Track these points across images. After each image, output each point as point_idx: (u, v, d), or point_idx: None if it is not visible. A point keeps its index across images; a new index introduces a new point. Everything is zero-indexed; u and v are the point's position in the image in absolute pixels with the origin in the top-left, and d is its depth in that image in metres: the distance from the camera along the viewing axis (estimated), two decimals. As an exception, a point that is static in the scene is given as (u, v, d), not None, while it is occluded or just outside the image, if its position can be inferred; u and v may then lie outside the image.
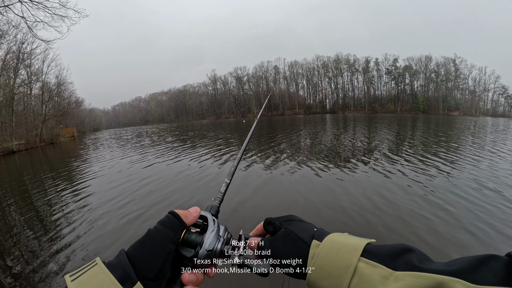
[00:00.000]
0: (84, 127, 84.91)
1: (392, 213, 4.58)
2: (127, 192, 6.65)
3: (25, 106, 31.77)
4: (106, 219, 5.00)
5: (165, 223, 0.53)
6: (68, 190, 7.42)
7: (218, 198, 0.72)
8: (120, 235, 4.31)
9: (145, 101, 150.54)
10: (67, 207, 5.89)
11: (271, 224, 0.65)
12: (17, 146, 25.29)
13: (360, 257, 0.45)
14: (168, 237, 0.50)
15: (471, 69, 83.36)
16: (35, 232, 4.75)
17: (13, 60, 27.82)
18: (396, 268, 0.40)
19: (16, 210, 6.11)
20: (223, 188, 0.76)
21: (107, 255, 3.66)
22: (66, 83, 41.02)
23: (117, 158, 12.76)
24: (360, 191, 5.71)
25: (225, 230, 0.61)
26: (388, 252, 0.44)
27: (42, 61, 33.96)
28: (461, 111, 78.26)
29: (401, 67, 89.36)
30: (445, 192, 5.53)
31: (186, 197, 5.94)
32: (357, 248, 0.47)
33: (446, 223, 4.17)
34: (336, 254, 0.48)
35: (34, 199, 6.87)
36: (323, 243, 0.51)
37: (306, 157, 9.68)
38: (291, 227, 0.60)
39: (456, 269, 0.36)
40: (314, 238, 0.54)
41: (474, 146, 11.45)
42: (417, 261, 0.41)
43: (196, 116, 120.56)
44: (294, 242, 0.56)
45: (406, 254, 0.43)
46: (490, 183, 6.10)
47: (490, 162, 8.19)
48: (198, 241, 0.55)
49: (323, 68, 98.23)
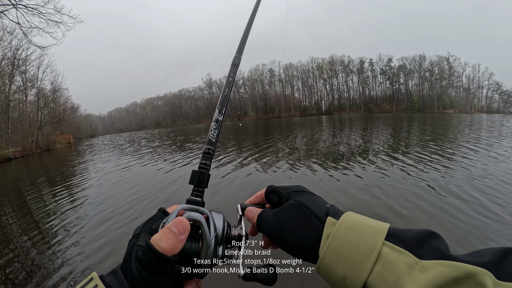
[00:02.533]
0: (80, 133, 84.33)
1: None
2: (122, 200, 6.57)
3: (21, 112, 31.55)
4: (104, 227, 4.92)
5: (149, 268, 0.39)
6: (64, 196, 7.36)
7: (206, 155, 0.57)
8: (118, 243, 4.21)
9: (141, 106, 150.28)
10: (65, 215, 5.73)
11: (276, 193, 0.56)
12: (13, 153, 25.03)
13: (384, 241, 0.39)
14: (161, 284, 0.40)
15: (465, 66, 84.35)
16: (31, 238, 4.68)
17: (8, 67, 27.64)
18: (422, 256, 0.36)
19: (13, 218, 6.04)
20: (213, 134, 0.59)
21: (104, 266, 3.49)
22: (61, 89, 41.03)
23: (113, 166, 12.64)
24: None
25: (223, 225, 0.51)
26: (414, 237, 0.38)
27: (37, 67, 33.96)
28: (456, 109, 78.97)
29: (396, 67, 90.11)
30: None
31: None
32: (381, 230, 0.40)
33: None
34: (357, 235, 0.40)
35: (31, 207, 6.80)
36: (341, 221, 0.43)
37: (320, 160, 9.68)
38: (301, 198, 0.51)
39: (486, 260, 0.33)
40: (329, 215, 0.46)
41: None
42: (445, 249, 0.36)
43: (192, 120, 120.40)
44: (306, 217, 0.47)
45: (432, 240, 0.38)
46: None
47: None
48: (194, 250, 0.46)
49: (318, 70, 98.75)
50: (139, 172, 9.44)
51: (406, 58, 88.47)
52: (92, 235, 4.37)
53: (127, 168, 10.38)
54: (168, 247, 0.41)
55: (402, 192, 5.19)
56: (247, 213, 0.56)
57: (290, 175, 7.12)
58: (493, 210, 4.24)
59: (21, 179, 11.46)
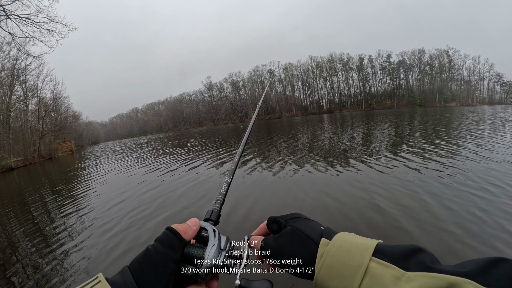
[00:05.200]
0: (83, 140, 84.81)
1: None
2: (128, 202, 6.56)
3: (22, 122, 31.69)
4: (108, 229, 4.91)
5: (163, 241, 0.49)
6: (68, 203, 7.35)
7: (218, 201, 0.68)
8: (123, 246, 4.21)
9: (142, 112, 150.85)
10: (68, 220, 5.80)
11: (276, 223, 0.62)
12: (15, 163, 25.09)
13: (371, 257, 0.43)
14: (168, 258, 0.47)
15: (465, 59, 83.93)
16: (35, 245, 4.66)
17: (8, 77, 27.78)
18: (408, 269, 0.39)
19: (16, 225, 6.01)
20: (223, 189, 0.71)
21: (109, 269, 3.53)
22: (62, 97, 41.12)
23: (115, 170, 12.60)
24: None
25: (227, 241, 0.57)
26: (400, 252, 0.43)
27: (37, 76, 34.07)
28: (458, 102, 78.46)
29: (395, 62, 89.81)
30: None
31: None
32: (368, 248, 0.44)
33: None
34: (347, 253, 0.45)
35: (35, 215, 6.79)
36: (333, 242, 0.48)
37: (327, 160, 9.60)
38: (297, 224, 0.57)
39: (469, 271, 0.35)
40: (323, 236, 0.51)
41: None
42: (430, 262, 0.40)
43: (194, 123, 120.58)
44: (301, 240, 0.53)
45: (417, 254, 0.42)
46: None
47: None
48: (199, 255, 0.52)
49: (318, 68, 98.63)
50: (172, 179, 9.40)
51: (406, 53, 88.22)
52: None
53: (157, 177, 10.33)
54: (182, 229, 0.52)
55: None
56: (251, 242, 0.61)
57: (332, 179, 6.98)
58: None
59: (25, 188, 11.47)
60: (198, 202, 5.51)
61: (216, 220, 0.63)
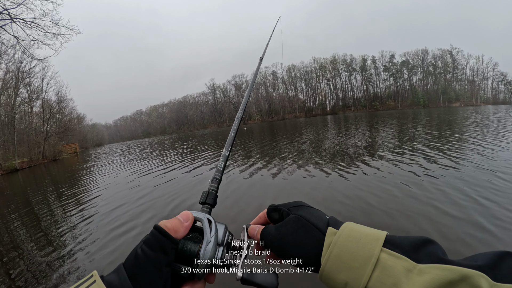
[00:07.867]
0: (87, 142, 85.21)
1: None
2: (130, 202, 6.54)
3: (27, 124, 31.93)
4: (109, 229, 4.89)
5: (152, 244, 0.42)
6: (71, 204, 7.37)
7: (215, 179, 0.63)
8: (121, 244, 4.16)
9: (146, 114, 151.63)
10: (71, 220, 5.82)
11: (277, 211, 0.58)
12: (20, 164, 25.27)
13: (382, 248, 0.41)
14: (161, 263, 0.42)
15: (468, 58, 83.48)
16: (39, 246, 4.64)
17: (13, 79, 28.03)
18: (419, 261, 0.37)
19: (21, 226, 6.00)
20: (220, 164, 0.66)
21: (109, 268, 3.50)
22: (66, 99, 41.39)
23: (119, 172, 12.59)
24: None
25: (225, 232, 0.52)
26: (410, 243, 0.41)
27: (41, 79, 34.33)
28: (462, 102, 77.93)
29: (398, 63, 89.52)
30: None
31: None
32: (378, 238, 0.42)
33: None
34: (356, 243, 0.42)
35: (40, 216, 6.80)
36: (341, 231, 0.45)
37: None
38: (301, 212, 0.53)
39: (481, 264, 0.34)
40: (329, 225, 0.48)
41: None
42: (441, 254, 0.38)
43: (198, 126, 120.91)
44: (306, 229, 0.49)
45: (428, 245, 0.40)
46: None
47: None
48: (194, 251, 0.46)
49: (321, 70, 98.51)
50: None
51: (409, 53, 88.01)
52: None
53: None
54: (172, 227, 0.45)
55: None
56: (250, 231, 0.58)
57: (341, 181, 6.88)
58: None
59: (29, 189, 11.51)
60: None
61: (212, 203, 0.58)
